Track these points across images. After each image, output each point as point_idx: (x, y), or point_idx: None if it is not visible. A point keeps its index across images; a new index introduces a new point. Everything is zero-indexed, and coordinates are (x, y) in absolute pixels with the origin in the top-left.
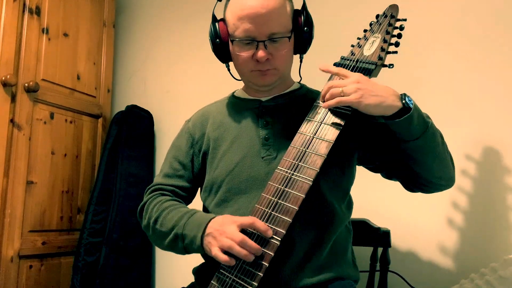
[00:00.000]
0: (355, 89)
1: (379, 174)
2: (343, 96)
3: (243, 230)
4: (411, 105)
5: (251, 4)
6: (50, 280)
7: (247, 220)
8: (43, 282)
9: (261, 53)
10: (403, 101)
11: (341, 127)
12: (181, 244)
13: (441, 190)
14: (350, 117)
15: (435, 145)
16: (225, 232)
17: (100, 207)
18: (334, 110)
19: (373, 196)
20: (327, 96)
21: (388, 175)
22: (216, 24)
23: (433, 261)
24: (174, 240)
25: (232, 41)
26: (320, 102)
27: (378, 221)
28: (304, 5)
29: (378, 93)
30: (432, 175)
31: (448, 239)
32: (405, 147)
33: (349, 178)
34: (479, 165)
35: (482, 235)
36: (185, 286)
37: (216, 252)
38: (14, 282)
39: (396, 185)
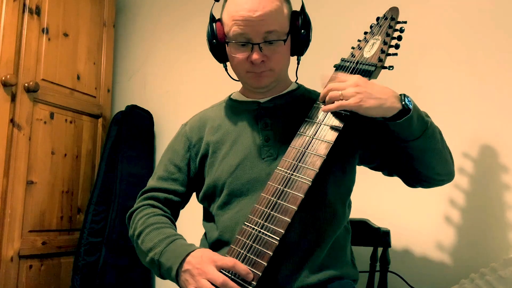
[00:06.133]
0: (354, 92)
1: (378, 174)
2: (343, 99)
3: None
4: (410, 106)
5: (246, 6)
6: (50, 280)
7: (227, 262)
8: (43, 282)
9: (255, 56)
10: (403, 103)
11: (340, 129)
12: (157, 270)
13: (441, 185)
14: (350, 118)
15: (434, 143)
16: (205, 273)
17: (100, 207)
18: (334, 112)
19: (373, 196)
20: (327, 99)
21: (389, 173)
22: (214, 24)
23: (433, 261)
24: (151, 263)
25: (227, 42)
26: (320, 104)
27: (378, 221)
28: (302, 7)
29: (377, 95)
30: (432, 171)
31: (448, 239)
32: (405, 146)
33: (351, 178)
34: (478, 164)
35: (482, 235)
36: None
37: None
38: (14, 282)
39: (396, 185)
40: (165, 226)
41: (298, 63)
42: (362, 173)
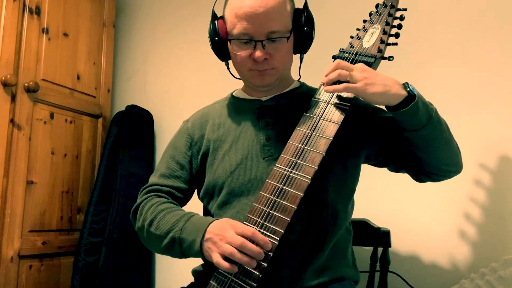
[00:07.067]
0: (362, 77)
1: (378, 174)
2: (350, 81)
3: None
4: (415, 92)
5: (249, 3)
6: (50, 280)
7: (247, 231)
8: (43, 282)
9: (258, 53)
10: (407, 89)
11: (339, 123)
12: (179, 249)
13: (450, 176)
14: (349, 112)
15: (441, 132)
16: (225, 237)
17: (100, 207)
18: (333, 105)
19: (373, 196)
20: (334, 75)
21: (395, 168)
22: (216, 22)
23: (433, 261)
24: (170, 244)
25: (230, 40)
26: (323, 87)
27: (378, 221)
28: (305, 4)
29: (383, 82)
30: (441, 162)
31: (448, 239)
32: (412, 136)
33: (354, 178)
34: (480, 165)
35: (482, 235)
36: (185, 286)
37: (218, 260)
38: (14, 282)
39: (396, 185)
40: (177, 208)
41: (301, 62)
42: (362, 172)
